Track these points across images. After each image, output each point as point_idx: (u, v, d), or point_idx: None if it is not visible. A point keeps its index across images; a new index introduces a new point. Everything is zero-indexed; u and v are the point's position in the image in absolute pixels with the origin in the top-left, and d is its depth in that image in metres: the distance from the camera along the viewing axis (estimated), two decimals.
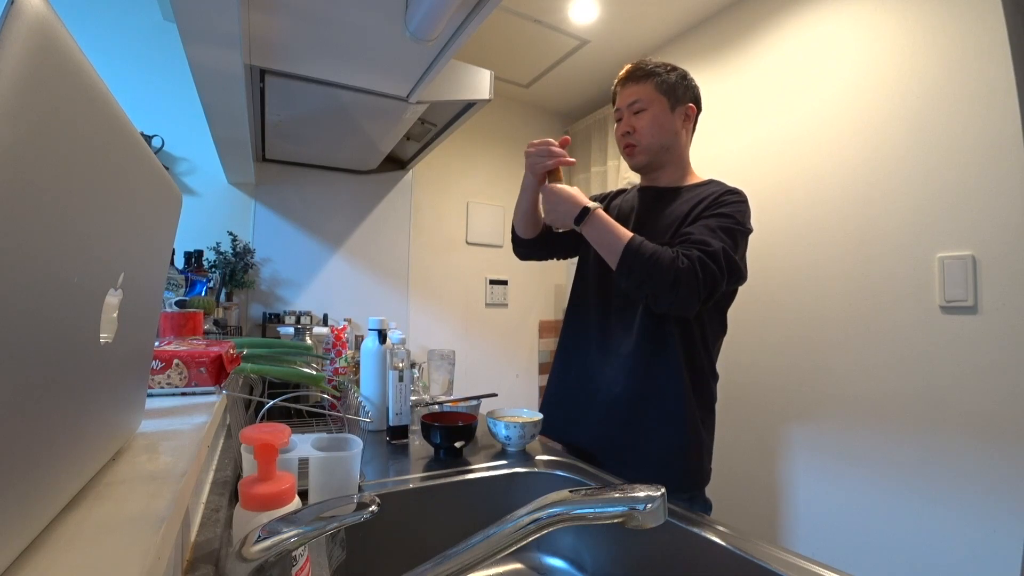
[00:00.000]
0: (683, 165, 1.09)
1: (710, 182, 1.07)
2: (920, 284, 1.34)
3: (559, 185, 1.01)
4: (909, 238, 1.37)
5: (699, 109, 1.09)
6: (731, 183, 1.06)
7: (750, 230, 0.99)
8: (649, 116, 1.04)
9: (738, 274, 0.94)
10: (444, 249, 2.65)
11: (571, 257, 1.25)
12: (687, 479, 0.97)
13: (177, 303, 1.17)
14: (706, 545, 0.64)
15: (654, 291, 0.88)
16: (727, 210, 0.96)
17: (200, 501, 0.58)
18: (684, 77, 1.06)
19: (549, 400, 1.16)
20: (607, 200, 1.20)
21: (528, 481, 0.88)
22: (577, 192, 1.00)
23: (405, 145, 2.06)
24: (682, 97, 1.05)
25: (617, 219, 1.11)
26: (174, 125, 1.87)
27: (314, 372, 1.01)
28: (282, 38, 1.06)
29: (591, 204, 0.96)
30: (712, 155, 1.96)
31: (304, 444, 0.67)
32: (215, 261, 1.89)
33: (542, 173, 1.02)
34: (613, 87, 1.11)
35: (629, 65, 1.08)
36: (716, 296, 0.91)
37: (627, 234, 0.92)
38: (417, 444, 1.02)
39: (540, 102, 2.88)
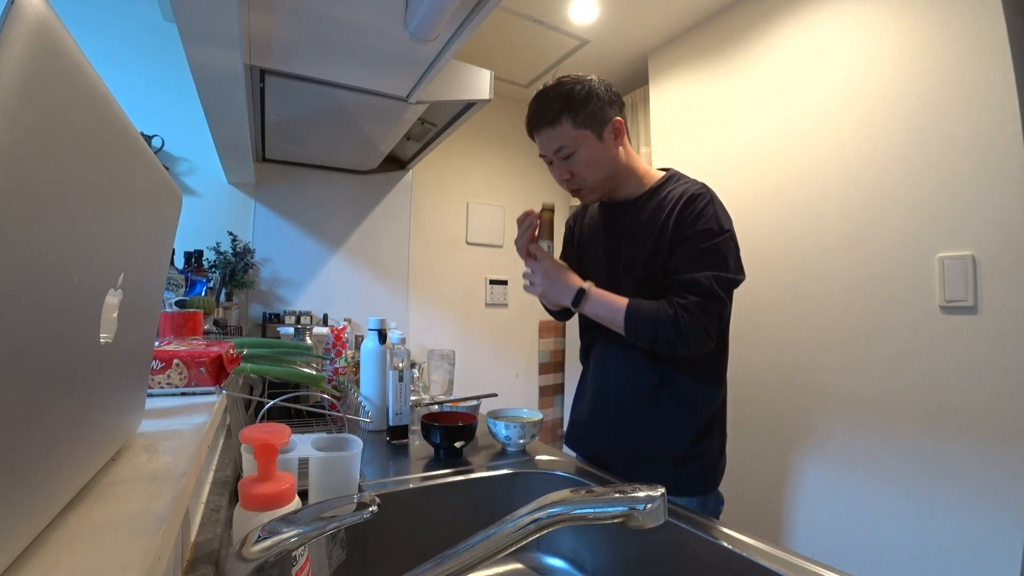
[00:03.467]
0: (635, 173, 1.01)
1: (669, 178, 1.00)
2: (920, 284, 1.34)
3: (547, 264, 0.97)
4: (909, 238, 1.37)
5: (623, 116, 0.98)
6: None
7: (731, 228, 0.93)
8: (582, 158, 0.95)
9: (736, 283, 0.93)
10: (444, 249, 2.65)
11: None
12: (701, 483, 0.96)
13: (177, 303, 1.17)
14: (706, 545, 0.64)
15: (666, 347, 0.89)
16: (702, 225, 0.90)
17: (200, 501, 0.58)
18: (592, 92, 0.93)
19: (572, 416, 1.16)
20: (574, 224, 1.16)
21: (528, 481, 0.88)
22: (564, 270, 0.97)
23: (405, 145, 2.06)
24: (603, 118, 0.94)
25: (590, 240, 1.08)
26: (174, 125, 1.87)
27: (314, 372, 1.01)
28: (282, 38, 1.06)
29: (583, 284, 0.95)
30: (712, 154, 1.96)
31: (304, 444, 0.67)
32: (215, 261, 1.89)
33: (530, 237, 1.00)
34: (527, 130, 1.00)
35: (532, 103, 0.97)
36: (725, 319, 0.93)
37: (622, 303, 0.91)
38: (417, 444, 1.02)
39: None
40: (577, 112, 0.93)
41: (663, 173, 1.02)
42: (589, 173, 0.96)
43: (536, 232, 1.00)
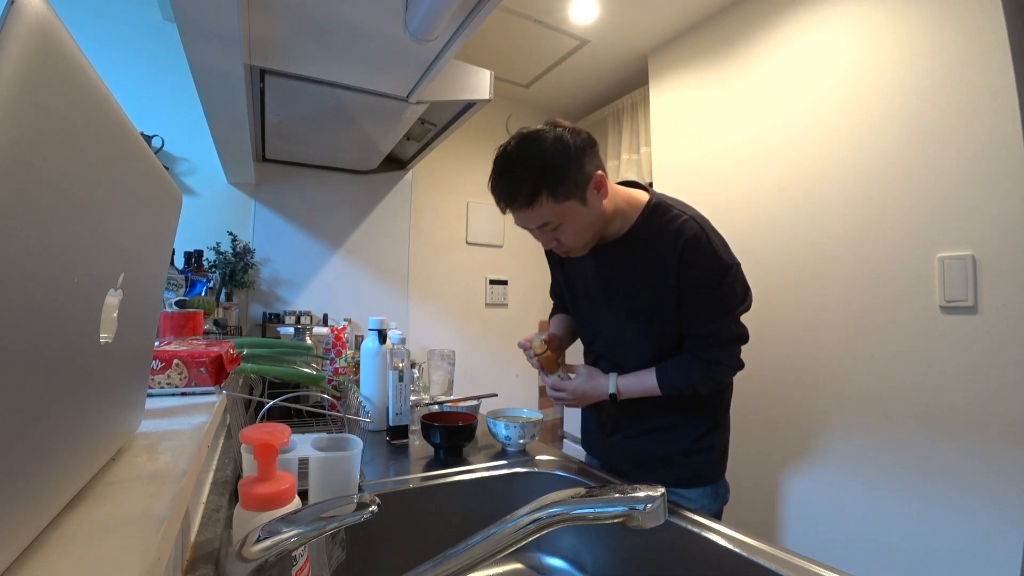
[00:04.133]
0: (619, 212, 0.93)
1: (655, 208, 0.92)
2: (920, 284, 1.34)
3: (574, 389, 1.00)
4: (909, 238, 1.37)
5: (600, 160, 0.89)
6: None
7: (733, 261, 0.90)
8: (570, 229, 0.87)
9: (748, 309, 0.95)
10: (444, 249, 2.65)
11: None
12: (710, 473, 0.99)
13: (177, 303, 1.17)
14: (706, 545, 0.64)
15: (706, 391, 0.95)
16: (708, 273, 0.88)
17: (200, 501, 0.58)
18: (567, 154, 0.82)
19: (584, 423, 1.18)
20: (558, 259, 1.10)
21: (528, 481, 0.88)
22: (591, 385, 0.98)
23: (405, 145, 2.06)
24: (584, 182, 0.84)
25: (579, 278, 1.05)
26: (174, 125, 1.87)
27: (314, 372, 1.02)
28: (282, 38, 1.06)
29: (611, 388, 0.96)
30: (712, 155, 1.96)
31: (304, 444, 0.66)
32: (215, 261, 1.89)
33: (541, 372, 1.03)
34: (498, 206, 0.89)
35: (498, 177, 0.87)
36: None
37: (652, 383, 0.93)
38: (417, 444, 1.02)
39: (540, 102, 2.88)
40: (557, 186, 0.82)
41: (644, 198, 0.94)
42: (579, 238, 0.90)
43: (544, 368, 1.01)
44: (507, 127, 2.78)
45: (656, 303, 0.92)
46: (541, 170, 0.82)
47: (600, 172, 0.87)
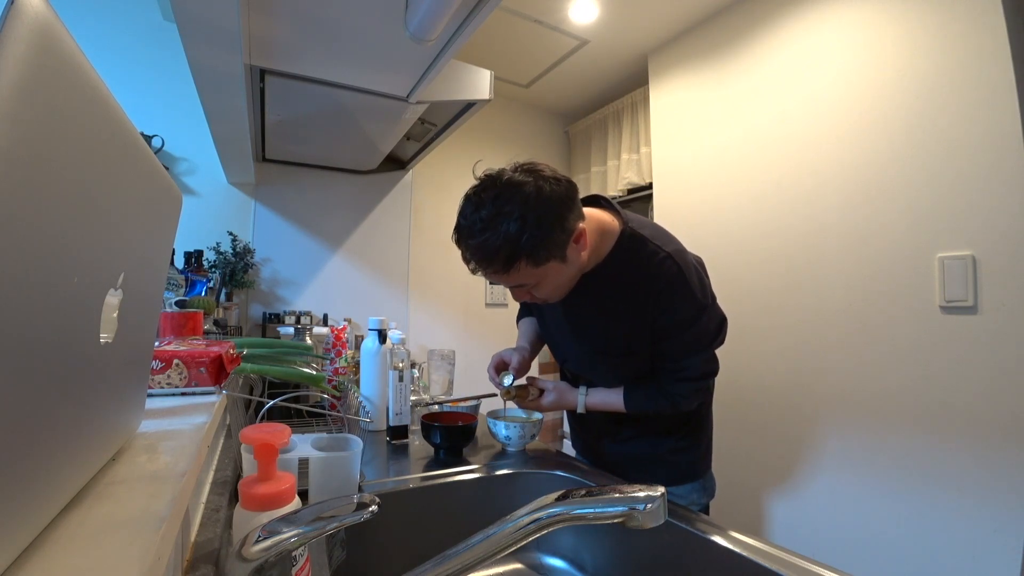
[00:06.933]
0: (593, 250, 0.85)
1: (629, 242, 0.86)
2: (920, 284, 1.34)
3: (545, 405, 1.01)
4: (909, 238, 1.37)
5: (583, 215, 0.82)
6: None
7: (707, 300, 0.86)
8: (548, 286, 0.83)
9: (720, 344, 0.92)
10: (444, 249, 2.65)
11: None
12: (698, 467, 1.01)
13: (177, 303, 1.17)
14: (706, 545, 0.64)
15: (669, 413, 0.94)
16: (683, 314, 0.84)
17: (200, 501, 0.58)
18: (550, 216, 0.74)
19: (573, 432, 1.18)
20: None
21: (528, 481, 0.88)
22: (559, 398, 1.00)
23: (405, 145, 2.06)
24: (565, 241, 0.77)
25: (544, 309, 1.02)
26: (174, 125, 1.87)
27: (314, 372, 1.01)
28: (282, 38, 1.06)
29: (579, 400, 0.98)
30: (712, 155, 1.96)
31: (304, 444, 0.67)
32: (215, 261, 1.89)
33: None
34: (470, 270, 0.84)
35: (469, 241, 0.79)
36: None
37: (620, 405, 0.94)
38: (417, 444, 1.02)
39: (540, 102, 2.88)
40: (537, 252, 0.75)
41: (615, 227, 0.87)
42: (556, 293, 0.85)
43: (517, 401, 1.02)
44: (473, 172, 2.69)
45: (627, 342, 0.90)
46: (520, 234, 0.73)
47: (581, 224, 0.79)
